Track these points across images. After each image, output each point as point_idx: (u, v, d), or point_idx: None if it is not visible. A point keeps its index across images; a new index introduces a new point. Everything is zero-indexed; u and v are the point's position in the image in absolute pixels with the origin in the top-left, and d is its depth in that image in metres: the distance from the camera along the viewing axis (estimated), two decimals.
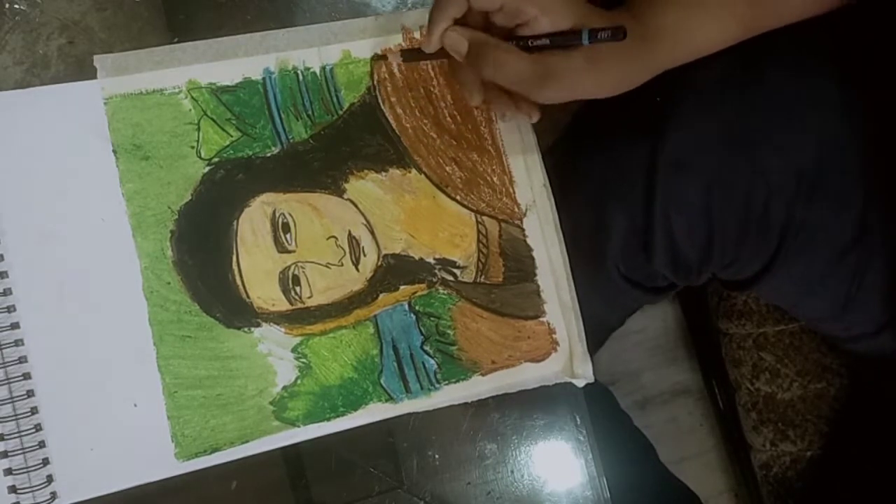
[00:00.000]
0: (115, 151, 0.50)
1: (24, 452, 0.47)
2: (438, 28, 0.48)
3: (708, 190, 0.55)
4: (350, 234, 0.53)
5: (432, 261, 0.54)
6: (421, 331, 0.53)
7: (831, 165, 0.54)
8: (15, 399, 0.47)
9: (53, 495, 0.47)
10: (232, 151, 0.52)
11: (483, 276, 0.55)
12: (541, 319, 0.55)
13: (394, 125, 0.55)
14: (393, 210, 0.54)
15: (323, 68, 0.54)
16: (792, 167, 0.54)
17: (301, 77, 0.54)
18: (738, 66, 0.54)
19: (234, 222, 0.52)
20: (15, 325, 0.48)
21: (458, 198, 0.55)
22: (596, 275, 0.63)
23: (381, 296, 0.53)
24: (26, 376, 0.48)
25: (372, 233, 0.54)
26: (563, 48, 0.46)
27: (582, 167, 0.61)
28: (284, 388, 0.51)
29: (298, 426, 0.51)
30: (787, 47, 0.55)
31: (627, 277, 0.64)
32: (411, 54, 0.53)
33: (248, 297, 0.51)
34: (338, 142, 0.54)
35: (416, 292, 0.54)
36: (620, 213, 0.59)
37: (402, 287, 0.54)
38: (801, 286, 0.60)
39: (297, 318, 0.52)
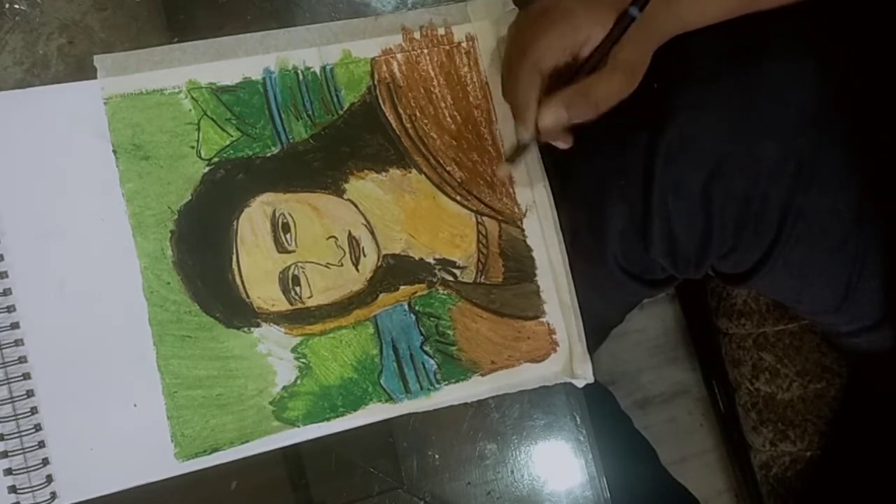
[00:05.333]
0: (115, 151, 0.50)
1: (24, 452, 0.47)
2: (531, 117, 0.50)
3: (706, 177, 0.55)
4: (350, 234, 0.53)
5: (432, 261, 0.54)
6: (421, 331, 0.53)
7: (829, 151, 0.55)
8: (15, 399, 0.47)
9: (53, 495, 0.48)
10: (232, 151, 0.52)
11: (483, 277, 0.55)
12: (541, 320, 0.55)
13: (394, 125, 0.55)
14: (393, 210, 0.54)
15: (323, 68, 0.54)
16: (791, 154, 0.54)
17: (301, 77, 0.54)
18: (735, 53, 0.55)
19: (234, 222, 0.52)
20: (15, 325, 0.48)
21: (458, 198, 0.55)
22: (595, 268, 0.63)
23: (381, 296, 0.53)
24: (26, 376, 0.48)
25: (372, 233, 0.54)
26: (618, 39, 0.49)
27: (581, 159, 0.61)
28: (284, 388, 0.51)
29: (298, 426, 0.51)
30: (785, 33, 0.55)
31: (626, 270, 0.64)
32: (516, 153, 0.54)
33: (247, 297, 0.51)
34: (338, 142, 0.54)
35: (415, 292, 0.54)
36: (619, 203, 0.59)
37: (401, 287, 0.54)
38: (800, 277, 0.60)
39: (296, 318, 0.52)
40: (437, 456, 0.54)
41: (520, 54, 0.51)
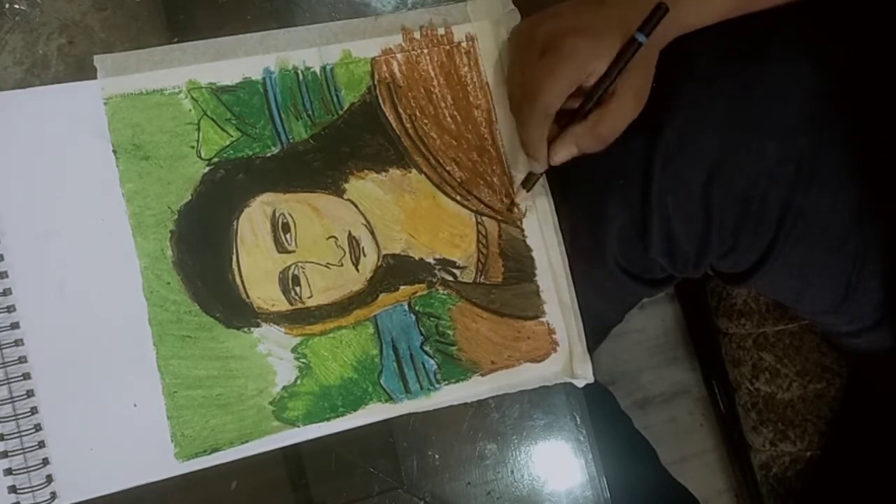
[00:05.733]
0: (115, 151, 0.50)
1: (24, 452, 0.47)
2: (542, 151, 0.52)
3: (705, 176, 0.55)
4: (350, 234, 0.53)
5: (432, 261, 0.54)
6: (421, 331, 0.53)
7: (829, 151, 0.55)
8: (15, 399, 0.47)
9: (53, 495, 0.48)
10: (232, 151, 0.52)
11: (483, 277, 0.55)
12: (540, 320, 0.55)
13: (394, 125, 0.55)
14: (393, 210, 0.54)
15: (323, 68, 0.54)
16: (790, 153, 0.54)
17: (301, 77, 0.54)
18: (734, 53, 0.55)
19: (234, 222, 0.52)
20: (15, 325, 0.48)
21: (457, 198, 0.55)
22: (594, 268, 0.63)
23: (381, 296, 0.53)
24: (26, 376, 0.48)
25: (372, 233, 0.54)
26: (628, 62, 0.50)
27: (580, 159, 0.62)
28: (284, 388, 0.51)
29: (298, 426, 0.51)
30: (784, 33, 0.55)
31: (625, 269, 0.64)
32: (529, 181, 0.55)
33: (247, 297, 0.51)
34: (338, 142, 0.54)
35: (415, 292, 0.54)
36: (618, 202, 0.59)
37: (401, 287, 0.54)
38: (800, 277, 0.60)
39: (296, 318, 0.52)
40: (437, 456, 0.54)
41: (529, 98, 0.51)
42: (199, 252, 0.51)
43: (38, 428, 0.48)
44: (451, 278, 0.54)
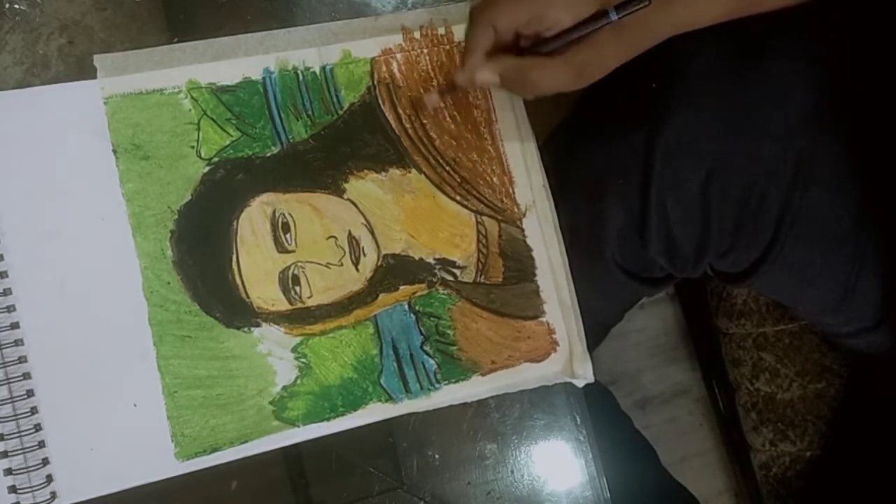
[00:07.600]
0: (115, 151, 0.50)
1: (24, 452, 0.47)
2: (472, 62, 0.51)
3: (704, 176, 0.55)
4: (350, 234, 0.53)
5: (432, 261, 0.54)
6: (421, 331, 0.53)
7: (828, 152, 0.55)
8: (15, 399, 0.47)
9: (53, 495, 0.47)
10: (232, 151, 0.52)
11: (483, 277, 0.55)
12: (540, 319, 0.56)
13: (394, 125, 0.55)
14: (393, 210, 0.54)
15: (323, 68, 0.54)
16: (789, 154, 0.54)
17: (301, 77, 0.54)
18: (734, 54, 0.55)
19: (234, 222, 0.52)
20: (15, 325, 0.48)
21: (457, 198, 0.55)
22: (594, 266, 0.64)
23: (381, 296, 0.53)
24: (26, 376, 0.48)
25: (372, 233, 0.54)
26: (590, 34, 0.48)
27: (579, 157, 0.62)
28: (284, 387, 0.51)
29: (298, 426, 0.51)
30: (783, 33, 0.55)
31: (624, 268, 0.64)
32: (448, 89, 0.54)
33: (247, 296, 0.51)
34: (338, 142, 0.54)
35: (415, 292, 0.54)
36: (617, 200, 0.59)
37: (401, 287, 0.54)
38: (799, 277, 0.60)
39: (296, 317, 0.52)
40: (437, 456, 0.54)
41: (485, 6, 0.51)
42: (199, 252, 0.51)
43: (38, 428, 0.48)
44: (451, 278, 0.54)
